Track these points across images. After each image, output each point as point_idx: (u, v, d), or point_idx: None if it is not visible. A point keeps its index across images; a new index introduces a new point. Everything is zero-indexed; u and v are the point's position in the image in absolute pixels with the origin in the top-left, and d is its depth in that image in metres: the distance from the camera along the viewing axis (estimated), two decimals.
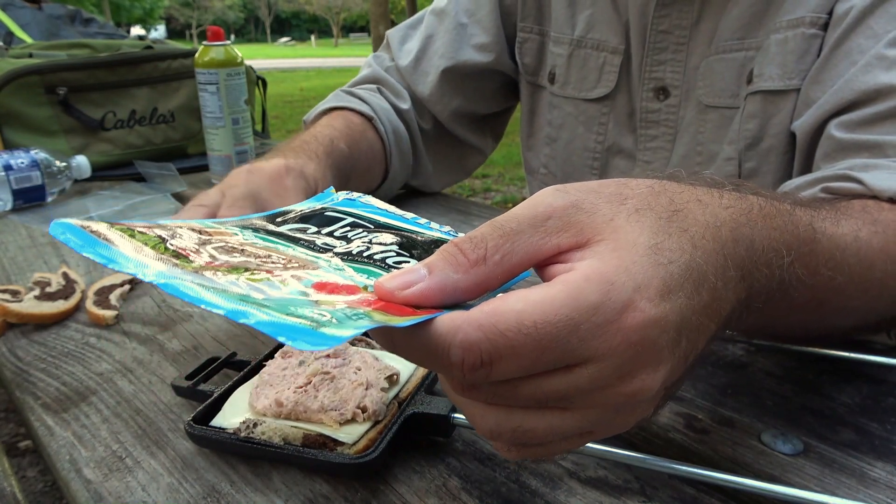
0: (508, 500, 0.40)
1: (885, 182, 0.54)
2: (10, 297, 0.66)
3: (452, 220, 0.90)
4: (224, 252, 0.34)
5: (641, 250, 0.29)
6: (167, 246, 0.33)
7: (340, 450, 0.40)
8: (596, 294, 0.28)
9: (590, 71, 0.88)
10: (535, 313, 0.27)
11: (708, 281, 0.31)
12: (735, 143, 0.76)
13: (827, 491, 0.40)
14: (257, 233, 0.39)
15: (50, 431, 0.48)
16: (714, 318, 0.33)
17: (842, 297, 0.45)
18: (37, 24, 1.70)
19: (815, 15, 0.69)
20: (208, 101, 1.05)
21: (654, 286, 0.29)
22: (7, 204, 0.98)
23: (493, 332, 0.27)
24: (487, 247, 0.30)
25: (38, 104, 1.14)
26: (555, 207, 0.31)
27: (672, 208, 0.32)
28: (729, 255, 0.33)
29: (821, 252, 0.40)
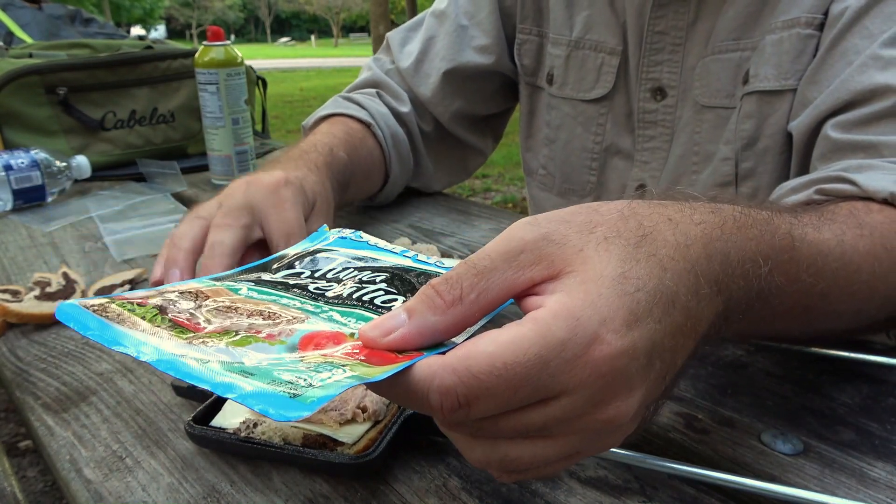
0: (508, 500, 0.40)
1: (878, 183, 0.54)
2: (10, 297, 0.66)
3: (452, 220, 0.90)
4: (218, 314, 0.36)
5: (608, 281, 0.30)
6: (164, 317, 0.35)
7: (340, 450, 0.40)
8: (563, 330, 0.29)
9: (588, 72, 0.88)
10: (505, 354, 0.29)
11: (679, 301, 0.32)
12: (731, 143, 0.76)
13: (827, 491, 0.40)
14: (253, 286, 0.41)
15: (50, 431, 0.48)
16: (690, 336, 0.33)
17: (827, 302, 0.45)
18: (37, 24, 1.70)
19: (811, 15, 0.69)
20: (208, 101, 1.05)
21: (620, 317, 0.30)
22: (7, 204, 0.98)
23: (466, 375, 0.29)
24: (463, 287, 0.31)
25: (38, 104, 1.14)
26: (526, 241, 0.32)
27: (640, 233, 0.32)
28: (701, 273, 0.33)
29: (801, 259, 0.41)
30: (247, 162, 1.11)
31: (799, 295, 0.41)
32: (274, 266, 0.45)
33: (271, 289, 0.40)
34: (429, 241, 0.82)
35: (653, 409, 0.35)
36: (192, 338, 0.33)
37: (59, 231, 0.91)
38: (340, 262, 0.44)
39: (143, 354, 0.31)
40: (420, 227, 0.87)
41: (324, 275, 0.42)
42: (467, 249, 0.79)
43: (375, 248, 0.47)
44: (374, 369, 0.30)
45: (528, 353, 0.29)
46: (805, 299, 0.42)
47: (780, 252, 0.38)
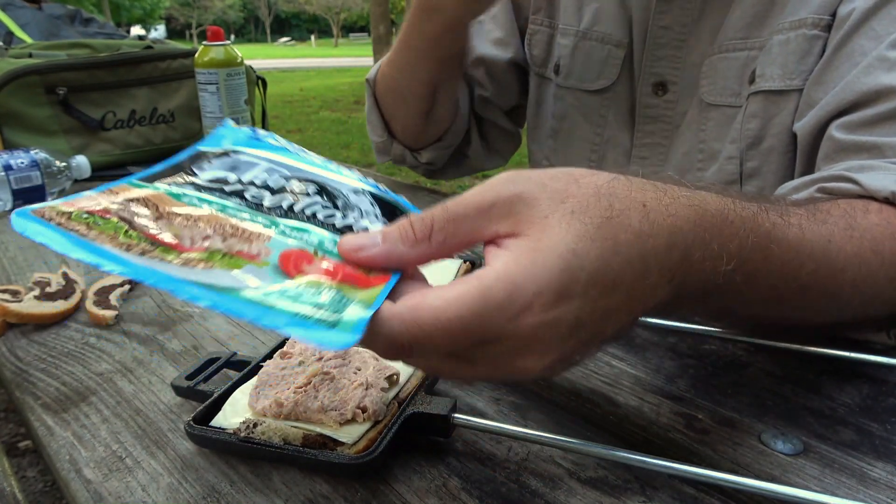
0: (508, 500, 0.40)
1: (880, 182, 0.54)
2: (9, 297, 0.66)
3: None
4: (185, 228, 0.35)
5: (556, 254, 0.32)
6: (136, 233, 0.34)
7: (340, 450, 0.40)
8: (501, 294, 0.32)
9: (593, 63, 0.89)
10: (449, 310, 0.32)
11: (623, 286, 0.34)
12: (737, 142, 0.76)
13: (827, 491, 0.40)
14: (194, 191, 0.38)
15: (50, 431, 0.48)
16: (626, 313, 0.36)
17: (806, 298, 0.46)
18: (36, 24, 1.70)
19: (817, 16, 0.69)
20: (208, 101, 1.05)
21: (553, 290, 0.32)
22: (7, 204, 0.98)
23: (413, 325, 0.32)
24: (434, 228, 0.35)
25: (38, 104, 1.14)
26: (500, 196, 0.35)
27: (607, 214, 0.34)
28: (656, 262, 0.35)
29: (774, 259, 0.42)
30: None
31: (769, 290, 0.43)
32: (191, 166, 0.41)
33: (210, 195, 0.38)
34: None
35: (576, 360, 0.38)
36: (186, 260, 0.32)
37: None
38: (263, 167, 0.42)
39: (151, 279, 0.31)
40: None
41: (251, 181, 0.40)
42: (467, 249, 0.79)
43: (293, 154, 0.44)
44: (362, 292, 0.33)
45: (470, 311, 0.32)
46: (780, 292, 0.44)
47: (753, 251, 0.40)
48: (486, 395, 0.50)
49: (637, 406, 0.48)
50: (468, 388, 0.50)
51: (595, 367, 0.53)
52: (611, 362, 0.54)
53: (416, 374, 0.48)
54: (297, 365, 0.48)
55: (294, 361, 0.48)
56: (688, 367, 0.53)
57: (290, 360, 0.48)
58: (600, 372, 0.52)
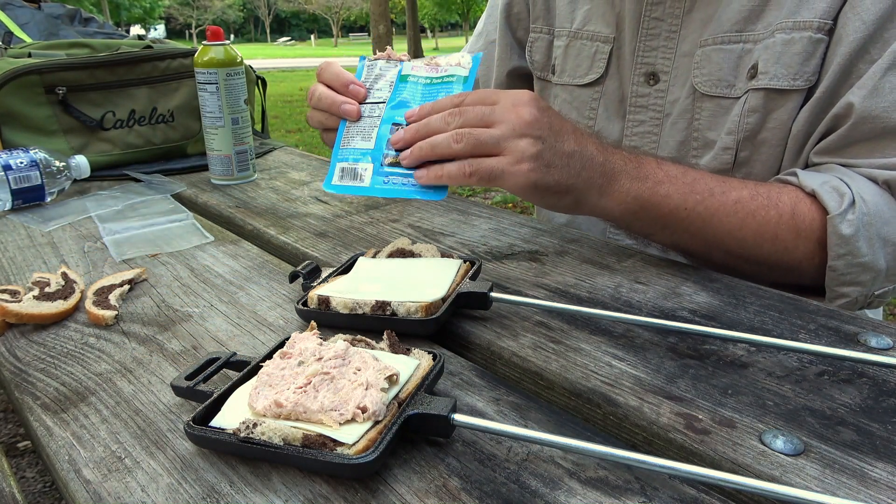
0: (508, 500, 0.39)
1: (808, 179, 0.70)
2: (9, 297, 0.66)
3: (452, 220, 0.90)
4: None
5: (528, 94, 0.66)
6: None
7: (340, 450, 0.40)
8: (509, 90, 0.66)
9: (583, 59, 0.95)
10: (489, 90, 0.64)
11: (568, 122, 0.67)
12: (734, 133, 0.80)
13: (827, 491, 0.39)
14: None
15: (49, 432, 0.48)
16: (576, 140, 0.66)
17: (688, 231, 0.69)
18: (36, 24, 1.70)
19: (822, 20, 0.72)
20: (208, 101, 1.05)
21: (530, 96, 0.66)
22: (6, 204, 0.98)
23: (464, 93, 0.67)
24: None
25: (38, 104, 1.14)
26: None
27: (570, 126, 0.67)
28: (587, 131, 0.69)
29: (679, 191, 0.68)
30: (247, 162, 1.11)
31: (670, 210, 0.68)
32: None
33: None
34: (429, 241, 0.82)
35: (548, 154, 0.64)
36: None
37: (59, 231, 0.91)
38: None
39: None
40: (420, 227, 0.87)
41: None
42: (467, 249, 0.79)
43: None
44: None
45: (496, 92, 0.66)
46: (673, 219, 0.69)
47: (668, 179, 0.68)
48: (487, 395, 0.50)
49: (637, 406, 0.48)
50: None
51: (595, 367, 0.53)
52: (611, 362, 0.54)
53: (416, 374, 0.48)
54: (297, 365, 0.47)
55: (294, 361, 0.48)
56: (688, 367, 0.53)
57: (290, 360, 0.48)
58: (600, 372, 0.52)
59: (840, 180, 0.70)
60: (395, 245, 0.72)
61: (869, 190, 0.69)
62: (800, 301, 0.64)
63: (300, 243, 0.83)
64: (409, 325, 0.57)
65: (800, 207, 0.69)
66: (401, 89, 0.70)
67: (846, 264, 0.68)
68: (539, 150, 0.63)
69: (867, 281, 0.69)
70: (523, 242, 0.81)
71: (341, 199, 1.01)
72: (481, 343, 0.59)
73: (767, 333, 0.57)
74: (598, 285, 0.68)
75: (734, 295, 0.65)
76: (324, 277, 0.66)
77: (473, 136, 0.63)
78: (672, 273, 0.70)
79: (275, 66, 20.06)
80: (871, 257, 0.68)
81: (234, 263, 0.78)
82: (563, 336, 0.58)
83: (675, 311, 0.62)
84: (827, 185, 0.69)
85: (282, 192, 1.07)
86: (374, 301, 0.58)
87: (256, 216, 0.95)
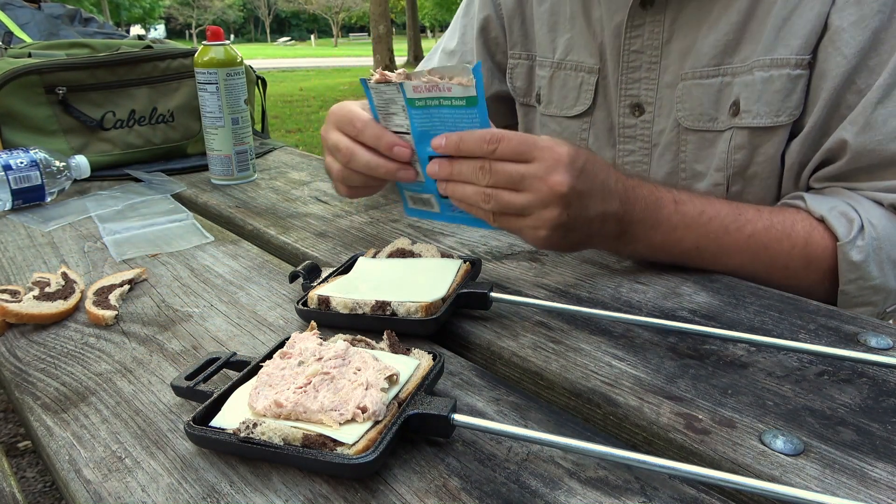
0: (508, 500, 0.39)
1: (816, 205, 0.71)
2: (9, 297, 0.66)
3: None
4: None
5: (567, 145, 0.62)
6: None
7: (340, 450, 0.40)
8: (549, 141, 0.62)
9: (569, 90, 0.95)
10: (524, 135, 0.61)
11: (599, 177, 0.63)
12: (723, 170, 0.82)
13: (827, 491, 0.39)
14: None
15: (49, 432, 0.48)
16: (602, 201, 0.63)
17: (702, 256, 0.70)
18: (36, 24, 1.70)
19: (799, 57, 0.73)
20: (208, 101, 1.05)
21: (567, 152, 0.61)
22: (6, 204, 0.98)
23: (501, 133, 0.61)
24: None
25: (38, 104, 1.14)
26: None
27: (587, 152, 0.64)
28: (614, 178, 0.65)
29: (691, 226, 0.68)
30: (246, 161, 1.11)
31: (682, 252, 0.69)
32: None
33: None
34: (429, 241, 0.82)
35: (574, 223, 0.62)
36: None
37: (59, 231, 0.91)
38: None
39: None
40: (420, 227, 0.87)
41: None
42: (467, 249, 0.79)
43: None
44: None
45: (532, 138, 0.61)
46: (685, 258, 0.70)
47: (683, 217, 0.68)
48: (486, 395, 0.50)
49: (637, 406, 0.48)
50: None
51: (595, 367, 0.53)
52: (611, 362, 0.54)
53: (416, 374, 0.48)
54: (297, 365, 0.47)
55: (294, 361, 0.48)
56: (688, 367, 0.53)
57: (290, 360, 0.48)
58: (600, 372, 0.52)
59: (848, 205, 0.70)
60: (395, 245, 0.72)
61: (876, 213, 0.70)
62: (800, 301, 0.64)
63: (300, 243, 0.83)
64: (409, 325, 0.57)
65: (814, 236, 0.70)
66: (416, 117, 0.65)
67: (857, 288, 0.70)
68: (563, 221, 0.61)
69: (878, 301, 0.71)
70: (523, 242, 0.81)
71: (341, 199, 1.01)
72: (481, 343, 0.59)
73: (767, 333, 0.57)
74: (598, 285, 0.68)
75: (734, 295, 0.65)
76: (324, 277, 0.66)
77: (501, 202, 0.61)
78: (672, 273, 0.70)
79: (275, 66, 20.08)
80: (881, 280, 0.69)
81: (234, 263, 0.78)
82: (563, 336, 0.58)
83: (675, 311, 0.62)
84: (835, 210, 0.70)
85: (282, 192, 1.07)
86: (374, 301, 0.58)
87: (256, 216, 0.95)
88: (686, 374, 0.52)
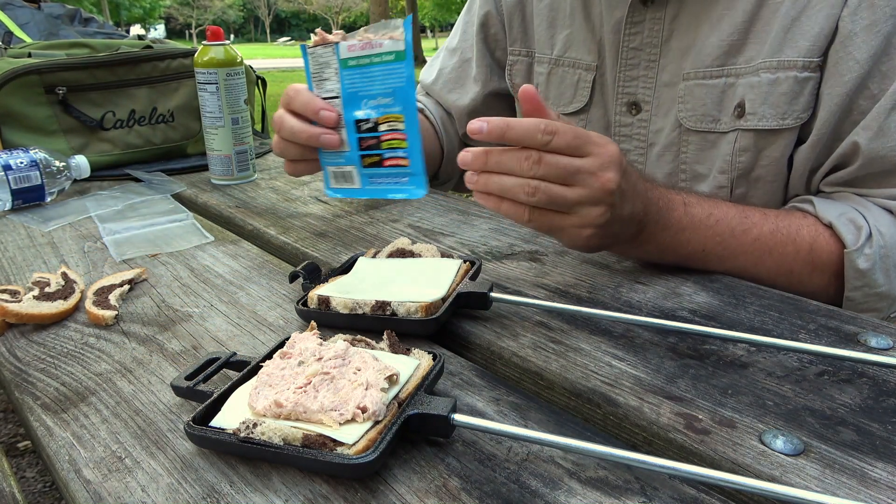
0: (508, 500, 0.39)
1: (824, 210, 0.71)
2: (9, 297, 0.66)
3: (452, 220, 0.90)
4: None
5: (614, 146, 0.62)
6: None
7: (340, 450, 0.40)
8: (600, 137, 0.61)
9: (566, 87, 0.95)
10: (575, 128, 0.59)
11: (634, 182, 0.63)
12: (727, 172, 0.81)
13: (828, 491, 0.39)
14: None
15: (49, 432, 0.48)
16: (632, 205, 0.63)
17: (707, 259, 0.70)
18: (36, 24, 1.70)
19: (807, 59, 0.72)
20: (208, 101, 1.05)
21: (615, 150, 0.61)
22: (6, 204, 0.98)
23: (559, 125, 0.58)
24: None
25: (38, 104, 1.14)
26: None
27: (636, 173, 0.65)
28: (640, 182, 0.65)
29: (707, 232, 0.69)
30: (246, 161, 1.11)
31: (688, 253, 0.69)
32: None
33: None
34: (429, 241, 0.82)
35: (617, 217, 0.61)
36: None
37: (59, 231, 0.91)
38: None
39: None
40: (420, 227, 0.87)
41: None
42: (467, 249, 0.79)
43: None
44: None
45: (587, 133, 0.60)
46: (692, 259, 0.70)
47: (681, 220, 0.68)
48: (486, 395, 0.50)
49: (637, 406, 0.48)
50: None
51: (595, 367, 0.53)
52: (611, 362, 0.54)
53: (417, 374, 0.48)
54: (297, 365, 0.47)
55: (294, 361, 0.48)
56: (688, 367, 0.53)
57: (290, 360, 0.48)
58: (600, 372, 0.52)
59: (857, 212, 0.70)
60: (395, 245, 0.72)
61: (885, 221, 0.70)
62: (800, 301, 0.64)
63: (300, 243, 0.83)
64: (409, 325, 0.57)
65: (819, 242, 0.70)
66: (346, 78, 0.70)
67: (863, 295, 0.70)
68: (607, 219, 0.60)
69: (883, 307, 0.72)
70: (523, 242, 0.81)
71: (341, 199, 1.01)
72: (481, 343, 0.59)
73: (767, 333, 0.57)
74: (598, 285, 0.68)
75: (734, 295, 0.65)
76: (324, 277, 0.66)
77: (549, 196, 0.58)
78: (672, 273, 0.70)
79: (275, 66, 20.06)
80: (887, 287, 0.70)
81: (234, 263, 0.78)
82: (563, 336, 0.58)
83: (675, 311, 0.62)
84: (844, 217, 0.70)
85: (282, 192, 1.07)
86: (374, 301, 0.58)
87: (256, 216, 0.95)
88: (686, 374, 0.52)
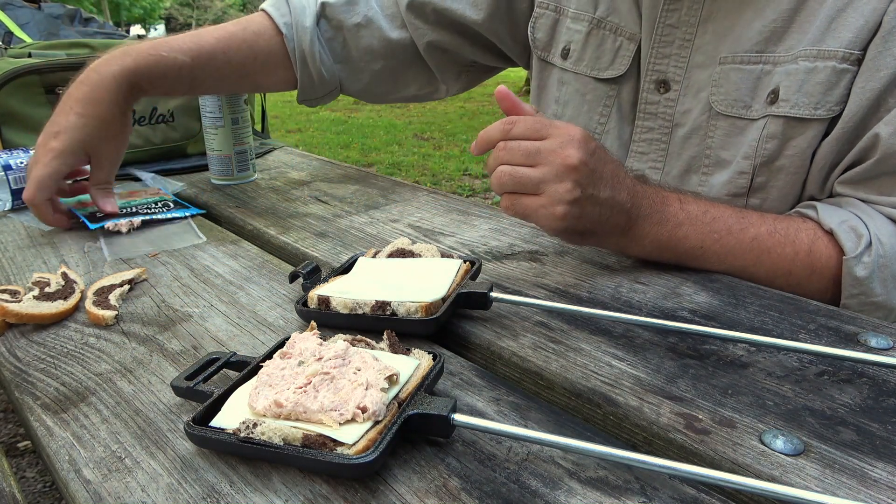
0: (508, 500, 0.39)
1: (827, 217, 0.71)
2: (9, 297, 0.66)
3: (452, 220, 0.90)
4: None
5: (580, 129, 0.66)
6: None
7: (340, 450, 0.40)
8: (562, 123, 0.66)
9: (605, 52, 0.91)
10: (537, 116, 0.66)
11: (609, 165, 0.66)
12: (751, 158, 0.79)
13: (828, 491, 0.39)
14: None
15: (49, 432, 0.48)
16: (611, 187, 0.65)
17: (705, 256, 0.71)
18: (36, 24, 1.70)
19: (848, 51, 0.71)
20: (208, 101, 1.05)
21: (581, 131, 0.64)
22: (6, 203, 0.98)
23: (516, 116, 0.66)
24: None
25: (38, 104, 1.14)
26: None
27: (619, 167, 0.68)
28: (623, 172, 0.68)
29: (701, 229, 0.70)
30: (246, 162, 1.11)
31: (686, 250, 0.70)
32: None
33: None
34: (429, 241, 0.82)
35: (585, 197, 0.63)
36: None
37: (58, 231, 0.91)
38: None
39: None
40: (420, 227, 0.87)
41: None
42: (467, 249, 0.79)
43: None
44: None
45: (545, 120, 0.66)
46: (690, 257, 0.71)
47: (690, 217, 0.70)
48: (486, 395, 0.50)
49: (637, 406, 0.48)
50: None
51: (595, 367, 0.53)
52: (611, 362, 0.54)
53: (417, 374, 0.48)
54: (297, 365, 0.47)
55: (294, 361, 0.48)
56: (688, 367, 0.53)
57: (290, 360, 0.48)
58: (600, 372, 0.52)
59: (859, 219, 0.70)
60: (395, 245, 0.72)
61: (886, 230, 0.70)
62: (800, 301, 0.64)
63: (300, 243, 0.83)
64: (409, 325, 0.57)
65: (817, 245, 0.70)
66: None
67: (859, 303, 0.70)
68: (576, 196, 0.63)
69: (880, 317, 0.71)
70: (523, 242, 0.81)
71: (341, 199, 1.01)
72: (481, 343, 0.59)
73: (767, 333, 0.57)
74: (598, 285, 0.68)
75: (734, 295, 0.65)
76: (324, 277, 0.66)
77: (514, 177, 0.64)
78: (672, 273, 0.70)
79: None
80: (884, 297, 0.69)
81: (234, 263, 0.78)
82: (563, 336, 0.58)
83: (675, 311, 0.62)
84: (845, 224, 0.70)
85: (282, 192, 1.07)
86: (374, 301, 0.58)
87: (256, 216, 0.95)
88: (686, 374, 0.52)
